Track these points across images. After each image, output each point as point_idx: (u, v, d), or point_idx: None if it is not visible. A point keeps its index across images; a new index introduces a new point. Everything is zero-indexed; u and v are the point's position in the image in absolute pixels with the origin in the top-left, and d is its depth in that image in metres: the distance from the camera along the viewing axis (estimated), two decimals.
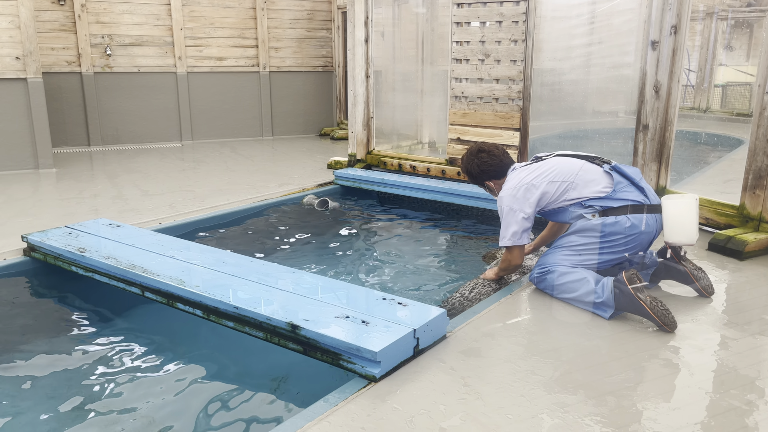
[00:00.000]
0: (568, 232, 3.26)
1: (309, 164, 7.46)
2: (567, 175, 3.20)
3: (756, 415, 2.16)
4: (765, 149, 3.90)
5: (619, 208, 3.09)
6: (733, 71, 12.60)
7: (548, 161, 3.33)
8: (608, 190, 3.14)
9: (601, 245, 3.12)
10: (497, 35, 5.46)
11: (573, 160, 3.29)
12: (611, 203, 3.12)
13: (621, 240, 3.09)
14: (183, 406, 2.63)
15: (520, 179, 3.25)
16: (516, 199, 3.20)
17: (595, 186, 3.16)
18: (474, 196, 5.33)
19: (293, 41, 9.85)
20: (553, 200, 3.20)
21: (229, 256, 3.49)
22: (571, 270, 3.11)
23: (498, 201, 3.31)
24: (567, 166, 3.24)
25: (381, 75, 7.38)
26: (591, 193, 3.15)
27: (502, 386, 2.33)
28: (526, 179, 3.23)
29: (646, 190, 3.18)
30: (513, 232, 3.19)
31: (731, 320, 2.93)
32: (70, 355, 3.08)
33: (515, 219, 3.18)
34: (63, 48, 8.32)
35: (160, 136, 9.16)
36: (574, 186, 3.18)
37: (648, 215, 3.10)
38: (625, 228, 3.06)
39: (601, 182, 3.17)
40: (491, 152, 3.41)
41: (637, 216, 3.08)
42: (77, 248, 3.61)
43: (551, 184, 3.19)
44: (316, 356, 2.55)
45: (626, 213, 3.08)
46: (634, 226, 3.06)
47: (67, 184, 6.21)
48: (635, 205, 3.10)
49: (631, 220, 3.07)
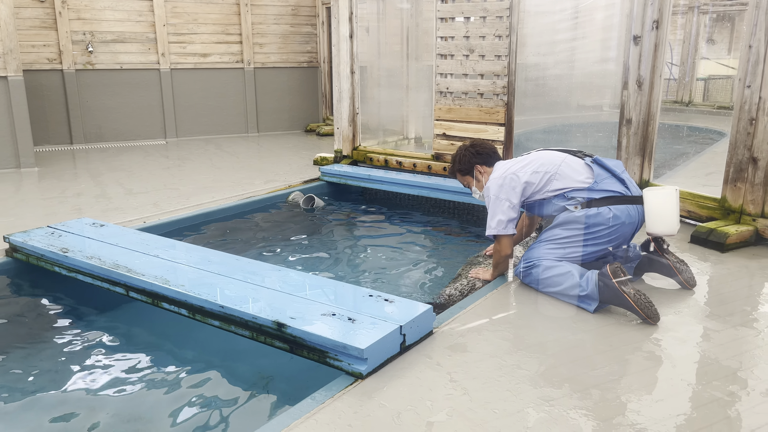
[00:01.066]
0: (551, 225, 3.28)
1: (295, 161, 7.43)
2: (550, 166, 3.25)
3: (738, 405, 2.19)
4: (746, 142, 3.94)
5: (601, 200, 3.12)
6: (714, 65, 12.72)
7: (532, 154, 3.39)
8: (590, 181, 3.18)
9: (584, 237, 3.15)
10: (481, 30, 5.47)
11: (555, 152, 3.35)
12: (593, 195, 3.15)
13: (604, 231, 3.12)
14: (169, 406, 2.62)
15: (505, 169, 3.32)
16: (502, 188, 3.24)
17: (577, 176, 3.21)
18: (460, 191, 5.34)
19: (277, 37, 9.80)
20: (537, 190, 3.24)
21: (214, 255, 3.47)
22: (556, 264, 3.13)
23: (484, 191, 3.35)
24: (549, 157, 3.30)
25: (366, 71, 7.37)
26: (573, 183, 3.19)
27: (489, 381, 2.35)
28: (511, 169, 3.29)
29: (627, 182, 3.21)
30: (498, 221, 3.23)
31: (713, 312, 2.97)
32: (54, 357, 3.05)
33: (501, 208, 3.23)
34: (44, 45, 8.21)
35: (144, 134, 9.08)
36: (557, 176, 3.22)
37: (630, 206, 3.13)
38: (607, 219, 3.09)
39: (583, 173, 3.21)
40: (483, 143, 3.55)
41: (619, 207, 3.11)
42: (60, 248, 3.57)
43: (535, 174, 3.24)
44: (303, 354, 2.55)
45: (608, 204, 3.12)
46: (617, 217, 3.09)
47: (50, 183, 6.14)
48: (617, 197, 3.13)
49: (613, 211, 3.10)
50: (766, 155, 3.86)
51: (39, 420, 2.55)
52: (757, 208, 3.95)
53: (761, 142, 3.87)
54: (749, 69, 3.87)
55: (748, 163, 3.96)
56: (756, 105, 3.86)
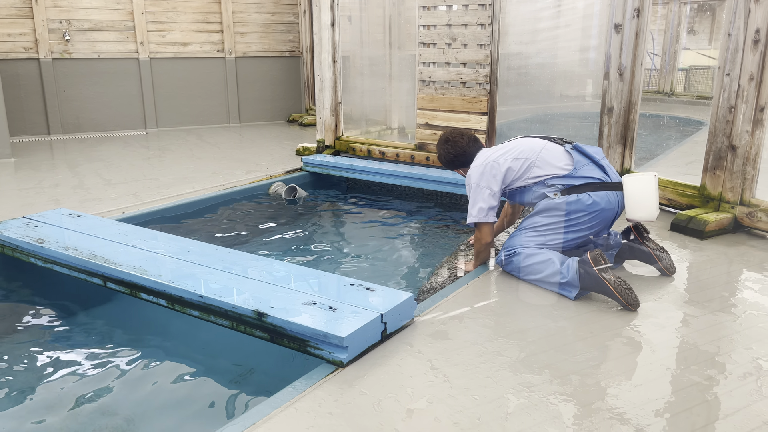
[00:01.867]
0: (532, 213, 3.28)
1: (277, 151, 7.37)
2: (530, 153, 3.25)
3: (716, 389, 2.21)
4: (725, 130, 3.97)
5: (580, 186, 3.13)
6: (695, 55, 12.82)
7: (513, 141, 3.39)
8: (569, 168, 3.18)
9: (565, 224, 3.16)
10: (464, 19, 5.44)
11: (536, 140, 3.35)
12: (573, 181, 3.15)
13: (584, 218, 3.13)
14: (147, 397, 2.59)
15: (485, 157, 3.31)
16: (483, 175, 3.24)
17: (557, 163, 3.20)
18: (443, 180, 5.34)
19: (259, 26, 9.69)
20: (517, 177, 3.24)
21: (194, 245, 3.43)
22: (537, 251, 3.14)
23: (466, 180, 3.35)
24: (530, 144, 3.30)
25: (349, 60, 7.32)
26: (553, 170, 3.19)
27: (469, 368, 2.35)
28: (492, 156, 3.29)
29: (607, 169, 3.22)
30: (479, 209, 3.23)
31: (692, 298, 3.00)
32: (29, 349, 3.00)
33: (482, 195, 3.23)
34: (20, 34, 8.04)
35: (124, 124, 8.94)
36: (537, 164, 3.22)
37: (609, 193, 3.14)
38: (587, 205, 3.10)
39: (563, 160, 3.21)
40: (456, 142, 3.46)
41: (598, 193, 3.12)
42: (36, 239, 3.51)
43: (515, 161, 3.24)
44: (283, 343, 2.53)
45: (588, 191, 3.12)
46: (596, 203, 3.10)
47: (26, 174, 6.03)
48: (596, 183, 3.14)
49: (592, 197, 3.10)
50: (745, 143, 3.89)
51: (15, 412, 2.50)
52: (736, 195, 3.99)
53: (740, 130, 3.90)
54: (728, 57, 3.89)
55: (727, 151, 3.99)
56: (735, 93, 3.88)
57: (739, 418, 2.04)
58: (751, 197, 3.94)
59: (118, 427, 2.40)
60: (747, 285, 3.20)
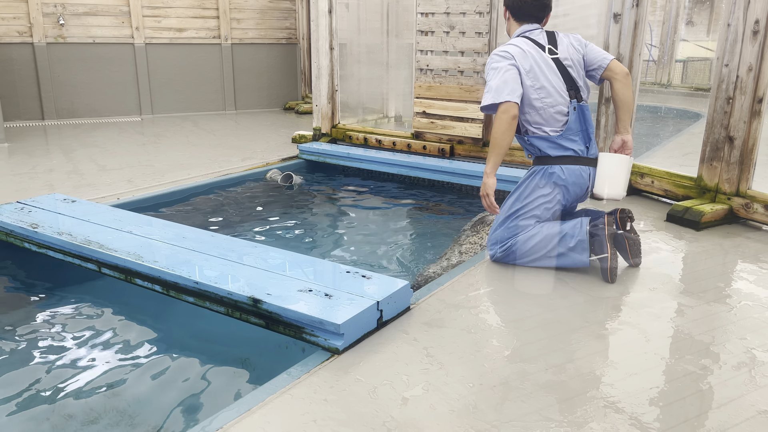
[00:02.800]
0: (508, 198, 3.27)
1: (273, 138, 7.34)
2: (544, 94, 3.08)
3: (710, 378, 2.22)
4: (722, 121, 3.97)
5: (555, 158, 3.12)
6: (693, 46, 12.80)
7: (544, 63, 3.11)
8: (557, 132, 3.12)
9: (537, 202, 3.17)
10: (462, 7, 5.41)
11: (559, 81, 3.12)
12: (550, 150, 3.13)
13: (553, 193, 3.15)
14: (141, 384, 2.59)
15: (516, 43, 3.12)
16: (503, 57, 3.08)
17: (552, 123, 3.11)
18: (439, 169, 5.33)
19: (255, 12, 9.62)
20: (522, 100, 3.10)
21: (189, 231, 3.42)
22: (532, 233, 3.14)
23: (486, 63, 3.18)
24: (552, 85, 3.10)
25: (346, 47, 7.28)
26: (543, 129, 3.12)
27: (465, 356, 2.35)
28: (522, 48, 3.09)
29: (591, 142, 3.18)
30: (491, 87, 3.01)
31: (687, 289, 3.00)
32: (23, 334, 2.99)
33: (497, 73, 3.03)
34: (13, 18, 7.96)
35: (119, 110, 8.88)
36: (539, 110, 3.10)
37: (582, 167, 3.14)
38: (562, 179, 3.12)
39: (559, 121, 3.11)
40: None
41: (570, 167, 3.12)
42: (30, 224, 3.49)
43: (530, 88, 3.07)
44: (279, 330, 2.53)
45: (561, 163, 3.12)
46: (566, 179, 3.12)
47: (20, 159, 5.98)
48: (572, 156, 3.13)
49: (565, 171, 3.12)
50: (743, 134, 3.89)
51: (9, 397, 2.49)
52: (732, 187, 3.99)
53: (737, 121, 3.89)
54: (727, 48, 3.88)
55: (724, 142, 3.99)
56: (733, 84, 3.87)
57: (733, 408, 2.05)
58: (748, 188, 3.95)
59: (114, 410, 2.39)
60: (742, 276, 3.21)
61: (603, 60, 3.19)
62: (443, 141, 5.82)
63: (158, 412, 2.42)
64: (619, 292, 2.95)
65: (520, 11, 3.22)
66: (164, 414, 2.41)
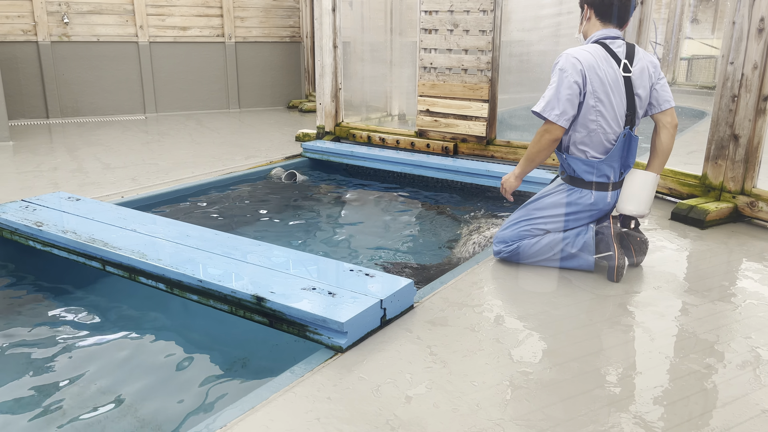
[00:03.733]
0: (530, 201, 3.25)
1: (276, 137, 7.34)
2: (602, 119, 2.94)
3: (715, 377, 2.21)
4: (727, 119, 3.95)
5: (587, 183, 3.06)
6: (698, 44, 12.75)
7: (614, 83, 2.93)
8: (599, 157, 3.01)
9: (563, 218, 3.14)
10: (466, 5, 5.40)
11: (622, 106, 2.96)
12: (585, 174, 3.04)
13: (581, 215, 3.12)
14: (144, 382, 2.59)
15: (592, 52, 2.91)
16: (573, 66, 2.88)
17: (597, 148, 3.00)
18: (443, 168, 5.32)
19: (259, 11, 9.62)
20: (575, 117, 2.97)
21: (193, 230, 3.42)
22: (540, 238, 3.14)
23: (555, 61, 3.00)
24: (615, 109, 2.95)
25: (349, 46, 7.27)
26: (587, 152, 3.02)
27: (468, 354, 2.35)
28: (596, 60, 2.89)
29: (627, 170, 3.08)
30: (546, 96, 2.89)
31: (692, 287, 2.99)
32: (29, 331, 3.00)
33: (561, 80, 2.87)
34: (18, 16, 7.98)
35: (123, 108, 8.90)
36: (591, 132, 2.97)
37: (612, 192, 3.10)
38: (587, 205, 3.08)
39: (605, 147, 3.00)
40: None
41: (599, 193, 3.08)
42: (34, 222, 3.50)
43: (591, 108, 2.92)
44: (282, 328, 2.53)
45: (591, 188, 3.07)
46: (595, 203, 3.08)
47: (25, 158, 6.00)
48: (601, 183, 3.07)
49: (594, 197, 3.07)
50: (748, 132, 3.87)
51: (11, 395, 2.50)
52: (737, 185, 3.97)
53: (743, 119, 3.88)
54: (732, 45, 3.86)
55: (729, 141, 3.97)
56: (738, 82, 3.86)
57: (738, 407, 2.04)
58: (753, 187, 3.93)
59: (117, 408, 2.40)
60: (747, 275, 3.19)
61: (666, 103, 3.04)
62: (447, 139, 5.81)
63: (162, 410, 2.42)
64: (624, 290, 2.95)
65: (608, 11, 2.96)
66: (168, 412, 2.41)
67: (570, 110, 2.89)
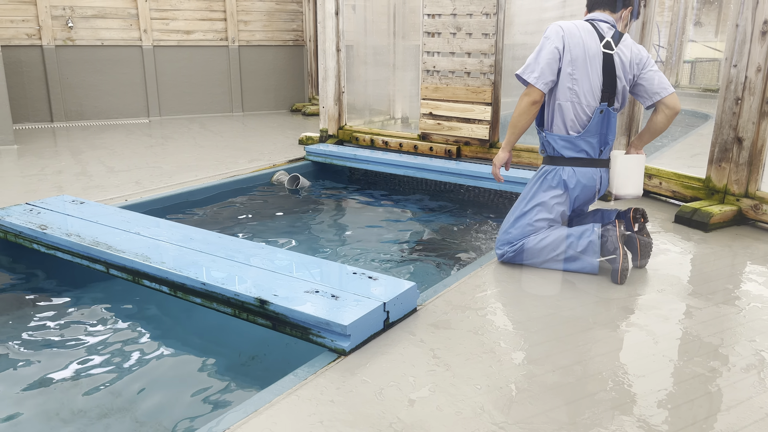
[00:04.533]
0: (519, 199, 3.26)
1: (280, 140, 7.35)
2: (577, 87, 3.01)
3: (719, 381, 2.21)
4: (731, 122, 3.95)
5: (567, 159, 3.10)
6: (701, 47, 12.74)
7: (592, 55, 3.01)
8: (577, 132, 3.08)
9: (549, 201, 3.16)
10: (469, 8, 5.41)
11: (597, 80, 3.03)
12: (564, 150, 3.09)
13: (565, 194, 3.14)
14: (149, 383, 2.59)
15: (576, 23, 3.05)
16: (555, 33, 2.99)
17: (575, 120, 3.06)
18: (446, 171, 5.32)
19: (263, 14, 9.65)
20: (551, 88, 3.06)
21: (196, 233, 3.43)
22: (544, 234, 3.14)
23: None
24: (590, 81, 3.03)
25: (353, 49, 7.28)
26: (563, 128, 3.08)
27: (471, 357, 2.34)
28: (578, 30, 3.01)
29: (607, 147, 3.13)
30: (529, 60, 2.99)
31: (696, 290, 2.99)
32: (32, 333, 3.00)
33: (543, 46, 2.99)
34: (23, 20, 8.02)
35: (127, 112, 8.93)
36: (567, 99, 3.04)
37: (593, 169, 3.12)
38: (571, 180, 3.11)
39: (582, 120, 3.06)
40: None
41: (581, 170, 3.11)
42: (39, 225, 3.51)
43: (568, 76, 3.00)
44: (285, 331, 2.53)
45: (572, 165, 3.10)
46: (578, 181, 3.11)
47: (29, 161, 6.02)
48: (584, 159, 3.10)
49: (576, 174, 3.11)
50: (751, 135, 3.87)
51: (17, 397, 2.51)
52: (741, 188, 3.96)
53: (746, 122, 3.87)
54: (736, 48, 3.86)
55: (733, 143, 3.96)
56: (742, 85, 3.85)
57: (742, 410, 2.03)
58: (757, 190, 3.92)
59: (121, 410, 2.40)
60: (751, 278, 3.19)
61: (663, 90, 3.09)
62: (450, 142, 5.81)
63: (165, 413, 2.42)
64: (628, 293, 2.94)
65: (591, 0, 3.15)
66: (171, 414, 2.42)
67: (549, 74, 2.98)
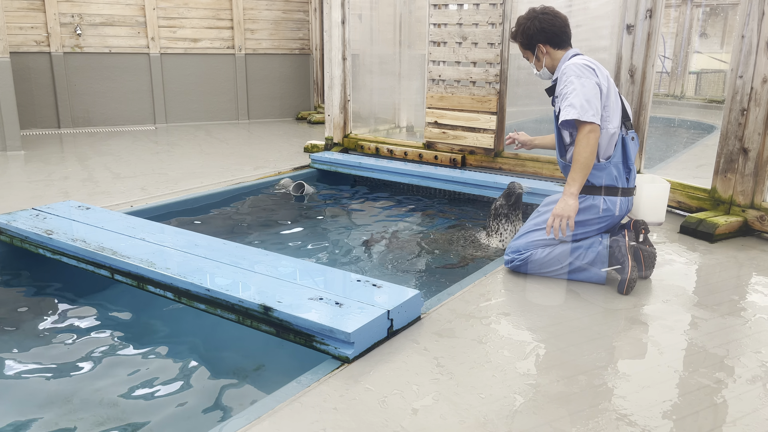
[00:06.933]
0: (541, 211, 3.25)
1: (285, 148, 7.38)
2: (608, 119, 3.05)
3: (724, 392, 2.19)
4: (737, 133, 3.94)
5: (597, 188, 3.10)
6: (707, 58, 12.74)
7: (612, 86, 3.10)
8: (605, 159, 3.09)
9: (576, 228, 3.14)
10: (475, 18, 5.43)
11: (618, 108, 3.11)
12: (595, 179, 3.09)
13: (595, 223, 3.11)
14: (152, 390, 2.59)
15: (590, 60, 3.06)
16: (585, 70, 2.97)
17: (604, 149, 3.08)
18: (451, 179, 5.32)
19: (269, 23, 9.71)
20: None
21: (201, 239, 3.44)
22: (553, 247, 3.13)
23: (561, 74, 3.05)
24: (616, 110, 3.08)
25: (358, 58, 7.31)
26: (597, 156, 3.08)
27: (475, 366, 2.33)
28: (595, 64, 3.04)
29: (631, 173, 3.15)
30: (586, 102, 2.89)
31: (701, 301, 2.97)
32: (37, 339, 3.01)
33: (583, 85, 2.92)
34: (31, 27, 8.09)
35: (133, 119, 8.98)
36: (603, 135, 3.07)
37: (622, 198, 3.12)
38: (601, 211, 3.09)
39: (610, 148, 3.08)
40: (557, 15, 3.13)
41: (612, 199, 3.10)
42: (44, 230, 3.52)
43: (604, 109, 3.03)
44: (289, 338, 2.53)
45: (604, 194, 3.10)
46: (609, 209, 3.09)
47: (36, 167, 6.06)
48: (610, 187, 3.11)
49: (608, 203, 3.09)
50: (757, 146, 3.86)
51: (19, 401, 2.51)
52: (747, 199, 3.95)
53: (752, 132, 3.87)
54: (741, 59, 3.86)
55: (738, 154, 3.96)
56: (748, 95, 3.85)
57: (747, 423, 2.02)
58: (763, 201, 3.91)
59: (121, 418, 2.40)
60: (757, 289, 3.17)
61: None
62: (455, 151, 5.82)
63: (167, 420, 2.42)
64: (633, 304, 2.93)
65: (561, 37, 3.13)
66: (173, 421, 2.41)
67: (600, 109, 2.99)
